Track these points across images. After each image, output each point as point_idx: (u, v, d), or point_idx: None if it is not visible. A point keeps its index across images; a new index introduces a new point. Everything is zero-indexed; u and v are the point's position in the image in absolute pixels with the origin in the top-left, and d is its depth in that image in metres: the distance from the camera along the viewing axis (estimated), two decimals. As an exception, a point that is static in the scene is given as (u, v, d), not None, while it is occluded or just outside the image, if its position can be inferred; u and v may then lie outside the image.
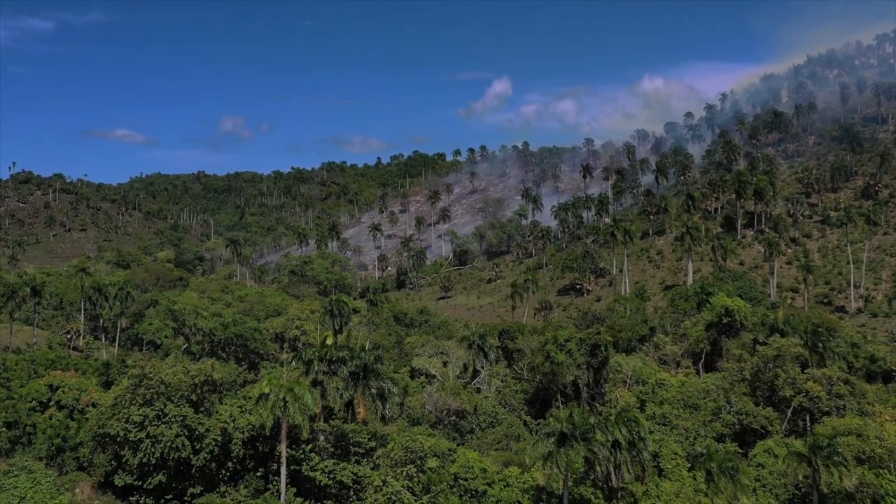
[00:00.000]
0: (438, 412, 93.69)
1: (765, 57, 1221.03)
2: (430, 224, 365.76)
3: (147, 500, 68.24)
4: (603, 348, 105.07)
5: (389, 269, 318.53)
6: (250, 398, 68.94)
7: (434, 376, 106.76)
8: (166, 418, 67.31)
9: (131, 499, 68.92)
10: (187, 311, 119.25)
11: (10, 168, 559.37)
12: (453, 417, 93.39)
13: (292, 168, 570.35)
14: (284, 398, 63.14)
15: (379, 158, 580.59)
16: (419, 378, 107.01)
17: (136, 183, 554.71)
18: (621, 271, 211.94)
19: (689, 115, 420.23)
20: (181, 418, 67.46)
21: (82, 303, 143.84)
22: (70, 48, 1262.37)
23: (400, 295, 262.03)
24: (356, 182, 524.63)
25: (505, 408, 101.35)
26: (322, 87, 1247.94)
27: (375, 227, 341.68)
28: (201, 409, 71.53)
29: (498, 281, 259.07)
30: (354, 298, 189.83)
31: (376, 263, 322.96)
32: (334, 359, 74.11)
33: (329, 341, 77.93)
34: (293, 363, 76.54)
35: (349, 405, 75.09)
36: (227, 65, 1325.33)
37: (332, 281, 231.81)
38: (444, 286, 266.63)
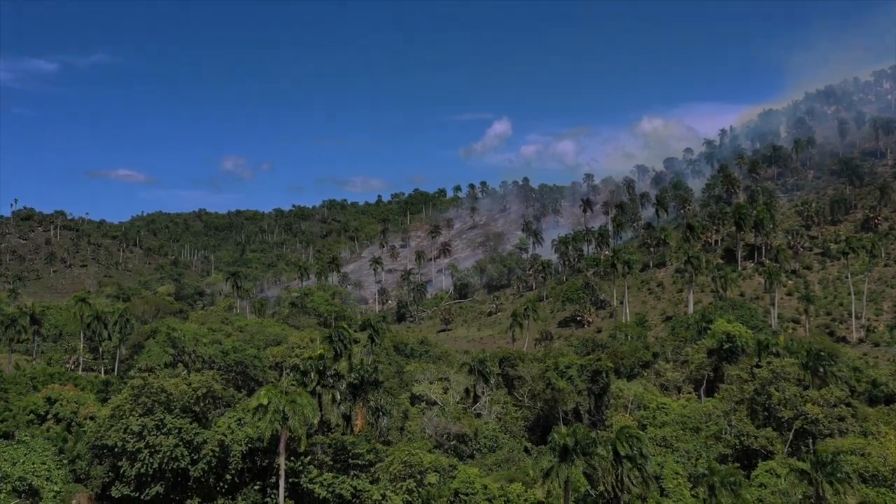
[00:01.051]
0: (439, 436, 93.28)
1: (763, 97, 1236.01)
2: (430, 258, 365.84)
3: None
4: (604, 374, 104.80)
5: (390, 302, 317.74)
6: (249, 411, 68.54)
7: (435, 402, 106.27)
8: (165, 429, 66.95)
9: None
10: (187, 339, 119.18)
11: (11, 205, 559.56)
12: (454, 441, 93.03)
13: (293, 206, 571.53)
14: (284, 409, 62.67)
15: (380, 196, 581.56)
16: (419, 404, 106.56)
17: (138, 221, 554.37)
18: (622, 303, 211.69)
19: (688, 150, 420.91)
20: (177, 430, 67.10)
21: (81, 333, 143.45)
22: (73, 89, 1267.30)
23: (400, 328, 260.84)
24: (357, 219, 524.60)
25: (506, 434, 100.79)
26: (323, 127, 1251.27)
27: (376, 261, 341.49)
28: (200, 420, 70.91)
29: (499, 313, 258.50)
30: (355, 331, 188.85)
31: (377, 297, 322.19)
32: (331, 372, 73.75)
33: (324, 351, 77.63)
34: (291, 375, 76.20)
35: (347, 419, 74.61)
36: (229, 106, 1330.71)
37: (333, 313, 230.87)
38: (444, 319, 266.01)
